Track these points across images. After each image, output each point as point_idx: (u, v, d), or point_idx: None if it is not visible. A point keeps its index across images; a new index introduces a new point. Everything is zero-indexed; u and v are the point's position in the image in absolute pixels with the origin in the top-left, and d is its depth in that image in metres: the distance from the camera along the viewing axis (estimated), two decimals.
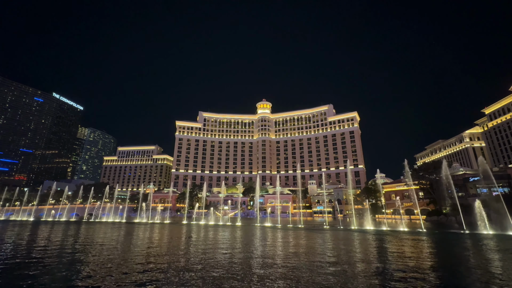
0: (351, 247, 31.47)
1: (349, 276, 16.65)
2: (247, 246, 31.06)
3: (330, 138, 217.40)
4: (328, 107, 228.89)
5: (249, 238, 40.66)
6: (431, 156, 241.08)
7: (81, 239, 37.48)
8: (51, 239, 37.46)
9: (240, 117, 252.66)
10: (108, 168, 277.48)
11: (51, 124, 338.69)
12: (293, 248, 30.05)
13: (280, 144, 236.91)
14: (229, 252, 26.62)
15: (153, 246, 31.03)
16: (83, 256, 23.58)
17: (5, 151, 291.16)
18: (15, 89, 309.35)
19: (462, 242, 36.94)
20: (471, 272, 18.79)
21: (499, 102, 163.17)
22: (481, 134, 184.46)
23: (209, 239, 38.75)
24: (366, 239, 40.01)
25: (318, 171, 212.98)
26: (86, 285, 14.29)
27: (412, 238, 40.64)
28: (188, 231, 52.76)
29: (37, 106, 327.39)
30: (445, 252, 29.59)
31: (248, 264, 20.37)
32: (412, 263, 21.24)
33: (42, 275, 16.56)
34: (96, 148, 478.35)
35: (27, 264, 19.83)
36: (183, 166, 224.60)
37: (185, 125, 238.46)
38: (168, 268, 18.69)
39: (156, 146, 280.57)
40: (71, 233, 46.93)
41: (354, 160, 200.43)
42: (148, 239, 38.39)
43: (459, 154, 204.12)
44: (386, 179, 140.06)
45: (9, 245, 30.75)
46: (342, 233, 49.60)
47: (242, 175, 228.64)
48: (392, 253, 27.03)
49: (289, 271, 17.86)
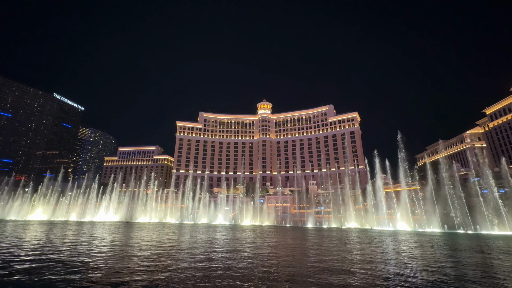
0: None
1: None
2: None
3: (330, 139, 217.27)
4: (328, 108, 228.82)
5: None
6: (431, 156, 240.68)
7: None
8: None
9: (240, 117, 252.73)
10: (108, 169, 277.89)
11: (52, 125, 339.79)
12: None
13: (281, 144, 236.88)
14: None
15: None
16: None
17: (6, 151, 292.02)
18: (16, 89, 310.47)
19: (462, 242, 36.82)
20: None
21: (500, 103, 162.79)
22: (482, 135, 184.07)
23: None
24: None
25: (318, 171, 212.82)
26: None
27: (412, 238, 40.54)
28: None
29: (38, 106, 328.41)
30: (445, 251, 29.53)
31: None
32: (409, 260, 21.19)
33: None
34: (97, 148, 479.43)
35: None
36: (183, 166, 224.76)
37: (185, 126, 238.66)
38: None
39: (156, 146, 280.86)
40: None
41: (355, 161, 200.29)
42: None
43: (459, 155, 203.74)
44: (387, 180, 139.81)
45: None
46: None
47: (242, 176, 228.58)
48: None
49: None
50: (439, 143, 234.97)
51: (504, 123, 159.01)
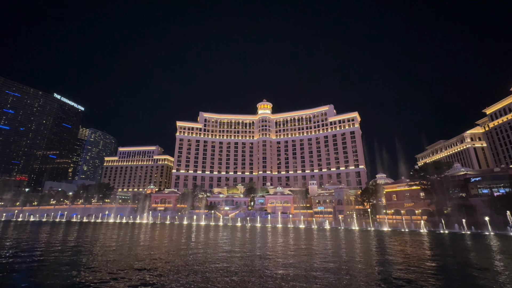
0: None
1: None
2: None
3: (330, 139, 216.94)
4: (328, 108, 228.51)
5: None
6: (432, 156, 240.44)
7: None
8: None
9: (240, 117, 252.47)
10: (109, 169, 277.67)
11: (52, 125, 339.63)
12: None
13: (281, 144, 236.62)
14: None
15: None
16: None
17: (6, 151, 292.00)
18: (16, 90, 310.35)
19: (462, 242, 36.78)
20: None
21: (500, 102, 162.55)
22: (482, 134, 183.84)
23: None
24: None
25: (319, 171, 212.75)
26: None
27: (413, 238, 40.46)
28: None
29: (38, 106, 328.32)
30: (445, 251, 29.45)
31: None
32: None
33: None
34: (97, 148, 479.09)
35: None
36: (183, 166, 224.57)
37: (185, 126, 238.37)
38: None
39: (156, 146, 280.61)
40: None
41: (355, 161, 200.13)
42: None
43: (460, 154, 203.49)
44: (387, 180, 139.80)
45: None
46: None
47: (242, 176, 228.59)
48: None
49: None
50: (439, 143, 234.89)
51: (505, 123, 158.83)
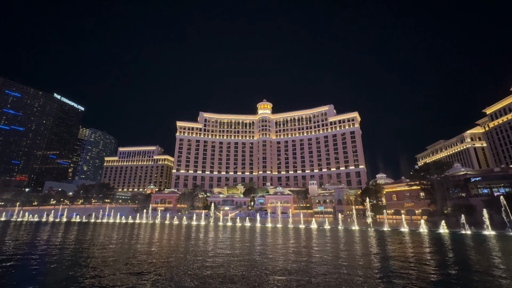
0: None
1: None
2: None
3: (330, 139, 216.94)
4: (328, 108, 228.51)
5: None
6: (432, 156, 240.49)
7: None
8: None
9: (240, 117, 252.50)
10: (109, 169, 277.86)
11: (52, 125, 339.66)
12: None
13: (281, 144, 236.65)
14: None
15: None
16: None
17: (6, 151, 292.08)
18: (16, 90, 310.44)
19: (462, 242, 36.78)
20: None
21: (500, 102, 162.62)
22: (483, 134, 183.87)
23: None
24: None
25: (319, 171, 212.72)
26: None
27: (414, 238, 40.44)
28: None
29: (39, 106, 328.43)
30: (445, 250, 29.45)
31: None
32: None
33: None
34: (97, 148, 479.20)
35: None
36: (183, 166, 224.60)
37: (185, 126, 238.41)
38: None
39: (156, 146, 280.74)
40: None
41: (355, 161, 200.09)
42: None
43: (460, 154, 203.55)
44: (387, 180, 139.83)
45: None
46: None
47: (242, 176, 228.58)
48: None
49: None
50: (439, 143, 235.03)
51: (505, 122, 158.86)
